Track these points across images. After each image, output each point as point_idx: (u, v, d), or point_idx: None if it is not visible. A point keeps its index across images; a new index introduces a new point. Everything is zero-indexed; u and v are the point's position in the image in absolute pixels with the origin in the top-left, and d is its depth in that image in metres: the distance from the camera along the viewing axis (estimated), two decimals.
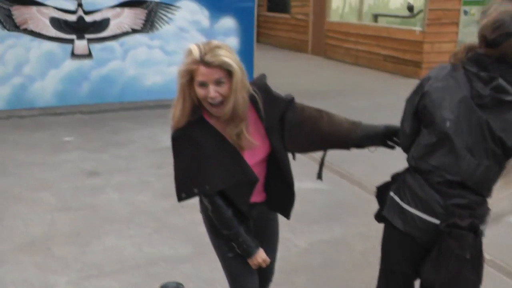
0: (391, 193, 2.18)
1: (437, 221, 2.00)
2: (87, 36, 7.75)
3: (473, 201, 2.02)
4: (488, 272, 2.98)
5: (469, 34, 10.55)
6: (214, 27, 8.63)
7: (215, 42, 1.98)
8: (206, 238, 3.89)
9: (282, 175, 2.22)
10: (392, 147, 2.28)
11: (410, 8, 12.69)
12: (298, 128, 2.18)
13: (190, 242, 3.91)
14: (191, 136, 2.03)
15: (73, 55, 7.75)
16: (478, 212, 2.03)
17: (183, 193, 2.09)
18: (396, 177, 2.23)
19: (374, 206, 3.74)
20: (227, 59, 1.91)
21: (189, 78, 1.96)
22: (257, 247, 2.17)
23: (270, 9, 16.52)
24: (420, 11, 12.14)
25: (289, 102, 2.18)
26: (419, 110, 2.08)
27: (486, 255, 2.27)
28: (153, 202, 4.59)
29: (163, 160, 5.63)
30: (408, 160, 2.15)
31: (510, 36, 1.89)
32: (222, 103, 1.97)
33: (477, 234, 1.99)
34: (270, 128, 2.12)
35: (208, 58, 1.90)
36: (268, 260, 2.20)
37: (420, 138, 2.08)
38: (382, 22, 13.31)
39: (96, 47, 7.88)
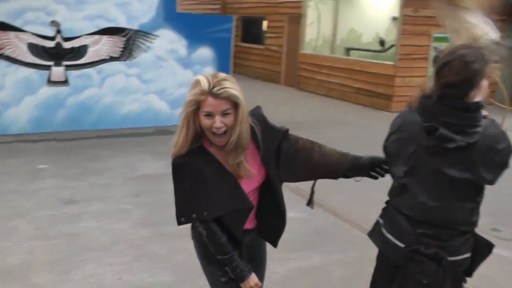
0: (378, 218, 2.39)
1: (403, 246, 2.18)
2: (65, 62, 7.77)
3: (443, 233, 2.13)
4: None
5: None
6: (191, 56, 8.77)
7: (221, 74, 2.07)
8: (186, 266, 3.94)
9: (274, 203, 2.30)
10: (375, 178, 2.40)
11: (382, 42, 13.13)
12: (292, 158, 2.29)
13: (170, 270, 3.91)
14: (192, 164, 2.09)
15: (50, 81, 7.73)
16: (450, 244, 2.13)
17: (182, 218, 2.16)
18: (387, 203, 2.41)
19: (350, 233, 3.77)
20: (234, 92, 2.01)
21: (195, 108, 2.03)
22: (250, 272, 2.23)
23: (245, 39, 16.79)
24: (391, 46, 12.56)
25: (285, 133, 2.28)
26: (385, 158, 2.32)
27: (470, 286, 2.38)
28: (132, 230, 4.58)
29: (141, 188, 5.64)
30: (388, 194, 2.35)
31: (445, 65, 2.07)
32: (225, 133, 2.05)
33: (441, 264, 2.10)
34: (267, 158, 2.22)
35: (216, 90, 1.99)
36: (259, 284, 2.26)
37: (393, 181, 2.31)
38: (354, 55, 13.70)
39: (73, 74, 7.90)
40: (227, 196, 2.15)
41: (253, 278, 2.23)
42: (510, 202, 5.83)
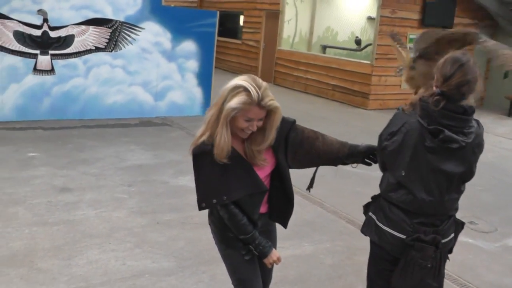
0: (370, 213, 2.57)
1: (404, 236, 2.40)
2: (51, 51, 7.76)
3: (436, 219, 2.42)
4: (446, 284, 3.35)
5: None
6: (175, 49, 8.87)
7: (262, 82, 2.26)
8: (186, 253, 4.12)
9: (284, 188, 2.52)
10: (369, 164, 2.66)
11: (358, 41, 13.46)
12: (298, 147, 2.52)
13: (171, 256, 4.07)
14: (210, 153, 2.27)
15: (36, 70, 7.72)
16: (442, 228, 2.42)
17: (203, 203, 2.36)
18: (374, 198, 2.61)
19: (337, 224, 3.98)
20: (277, 104, 2.26)
21: (237, 112, 2.21)
22: (271, 247, 2.45)
23: (222, 34, 16.85)
24: (367, 45, 12.90)
25: (292, 123, 2.51)
26: (382, 156, 2.47)
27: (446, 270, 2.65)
28: (130, 219, 4.70)
29: (133, 178, 5.75)
30: (380, 189, 2.53)
31: (461, 67, 2.24)
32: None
33: (438, 247, 2.38)
34: (277, 147, 2.44)
35: (264, 102, 2.21)
36: (281, 258, 2.48)
37: (387, 175, 2.48)
38: (330, 53, 13.99)
39: (59, 63, 7.89)
40: (244, 181, 2.35)
41: (275, 253, 2.45)
42: (483, 197, 6.20)
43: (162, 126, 8.40)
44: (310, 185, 2.83)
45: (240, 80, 2.24)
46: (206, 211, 2.52)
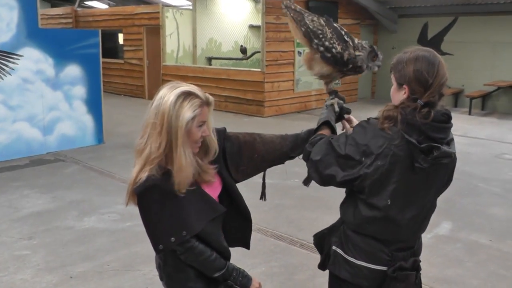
0: (334, 247, 2.19)
1: (384, 268, 2.08)
2: None
3: (412, 241, 2.16)
4: None
5: (303, 73, 11.53)
6: (59, 76, 8.13)
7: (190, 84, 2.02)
8: None
9: (237, 206, 2.22)
10: None
11: (243, 50, 13.44)
12: (238, 156, 2.23)
13: None
14: (156, 186, 1.92)
15: None
16: (417, 247, 2.20)
17: (160, 245, 1.98)
18: (333, 229, 2.25)
19: (265, 243, 3.67)
20: None
21: (194, 121, 1.93)
22: (249, 275, 2.14)
23: (102, 55, 15.99)
24: (254, 53, 12.91)
25: (224, 133, 2.23)
26: (355, 183, 2.02)
27: None
28: (38, 279, 4.08)
29: (33, 229, 5.07)
30: (345, 219, 2.17)
31: (436, 66, 1.95)
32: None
33: (418, 271, 2.15)
34: (217, 162, 2.14)
35: (211, 99, 1.98)
36: (260, 284, 2.19)
37: (357, 207, 2.08)
38: (217, 64, 13.82)
39: None
40: (201, 208, 2.02)
41: (255, 280, 2.16)
42: None
43: (55, 163, 7.62)
44: (263, 194, 2.51)
45: (171, 90, 1.94)
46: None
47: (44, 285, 3.98)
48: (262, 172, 2.39)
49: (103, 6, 19.76)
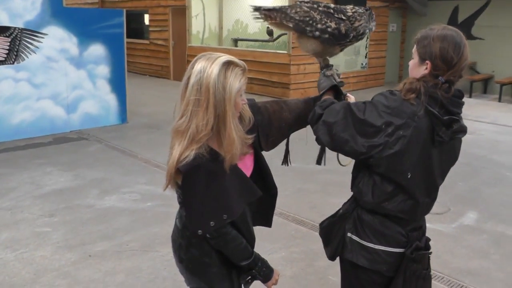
0: (349, 234, 2.12)
1: (401, 250, 2.04)
2: None
3: (421, 220, 2.15)
4: None
5: None
6: (83, 55, 8.14)
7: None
8: None
9: (264, 181, 2.14)
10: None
11: (270, 32, 13.24)
12: (268, 127, 2.17)
13: None
14: (205, 166, 1.83)
15: None
16: (424, 227, 2.17)
17: (199, 229, 1.91)
18: (345, 216, 2.17)
19: (286, 228, 3.58)
20: None
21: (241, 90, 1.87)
22: (271, 266, 2.10)
23: (128, 35, 15.96)
24: (281, 35, 12.72)
25: (253, 106, 2.14)
26: (373, 152, 1.94)
27: None
28: (57, 256, 4.10)
29: (54, 206, 5.10)
30: (360, 200, 2.09)
31: (463, 47, 1.94)
32: None
33: (429, 249, 2.11)
34: (252, 131, 2.07)
35: (245, 65, 1.90)
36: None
37: (375, 183, 2.01)
38: (242, 46, 13.69)
39: None
40: (240, 189, 1.94)
41: (276, 271, 2.11)
42: None
43: (78, 141, 7.66)
44: (286, 159, 2.46)
45: (211, 61, 1.82)
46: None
47: (63, 263, 3.99)
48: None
49: None
